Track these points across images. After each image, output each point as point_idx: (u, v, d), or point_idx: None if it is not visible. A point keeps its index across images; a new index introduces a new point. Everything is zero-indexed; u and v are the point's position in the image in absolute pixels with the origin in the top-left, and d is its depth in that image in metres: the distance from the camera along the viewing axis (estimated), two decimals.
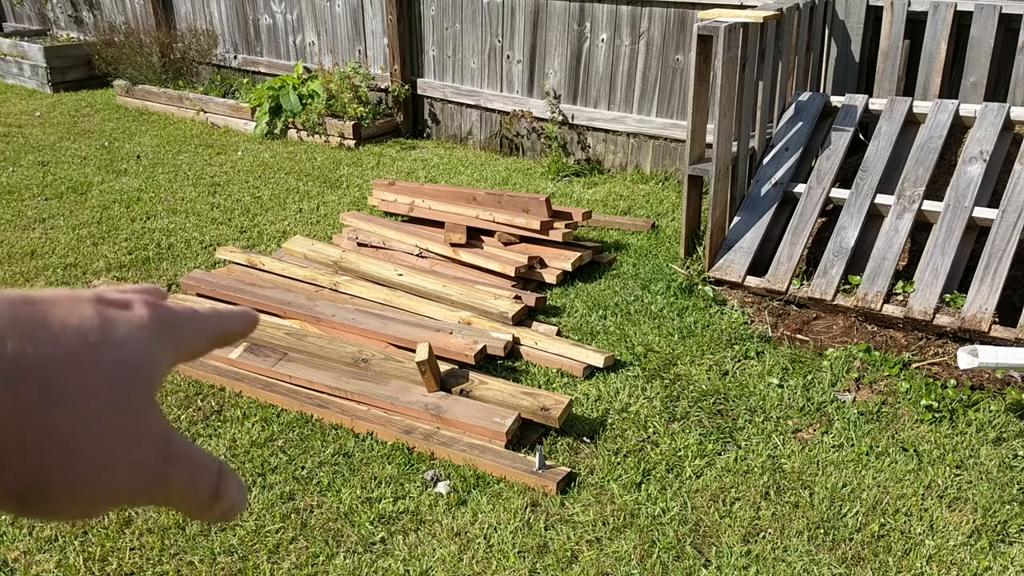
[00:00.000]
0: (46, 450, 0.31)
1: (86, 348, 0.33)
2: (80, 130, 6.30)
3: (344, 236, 4.12)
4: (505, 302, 3.34)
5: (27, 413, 0.30)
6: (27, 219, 4.52)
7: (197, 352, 0.39)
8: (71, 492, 0.32)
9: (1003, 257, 3.16)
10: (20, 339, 0.31)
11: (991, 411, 2.77)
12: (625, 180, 5.13)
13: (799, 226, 3.57)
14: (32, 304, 0.32)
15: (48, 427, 0.31)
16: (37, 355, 0.31)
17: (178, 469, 0.35)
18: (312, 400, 2.81)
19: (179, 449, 0.35)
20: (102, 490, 0.33)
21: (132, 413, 0.33)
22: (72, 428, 0.31)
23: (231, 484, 0.38)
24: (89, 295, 0.35)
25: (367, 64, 6.19)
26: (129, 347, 0.34)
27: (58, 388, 0.31)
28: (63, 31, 8.42)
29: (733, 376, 3.03)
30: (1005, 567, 2.19)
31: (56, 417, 0.31)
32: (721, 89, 3.41)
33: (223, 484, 0.37)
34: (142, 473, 0.34)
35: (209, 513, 0.38)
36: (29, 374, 0.30)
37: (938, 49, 3.96)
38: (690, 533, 2.30)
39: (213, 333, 0.40)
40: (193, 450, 0.36)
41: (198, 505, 0.37)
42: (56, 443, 0.31)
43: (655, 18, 4.90)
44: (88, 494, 0.32)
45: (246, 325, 0.42)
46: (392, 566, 2.18)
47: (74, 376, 0.32)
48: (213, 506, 0.37)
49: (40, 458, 0.31)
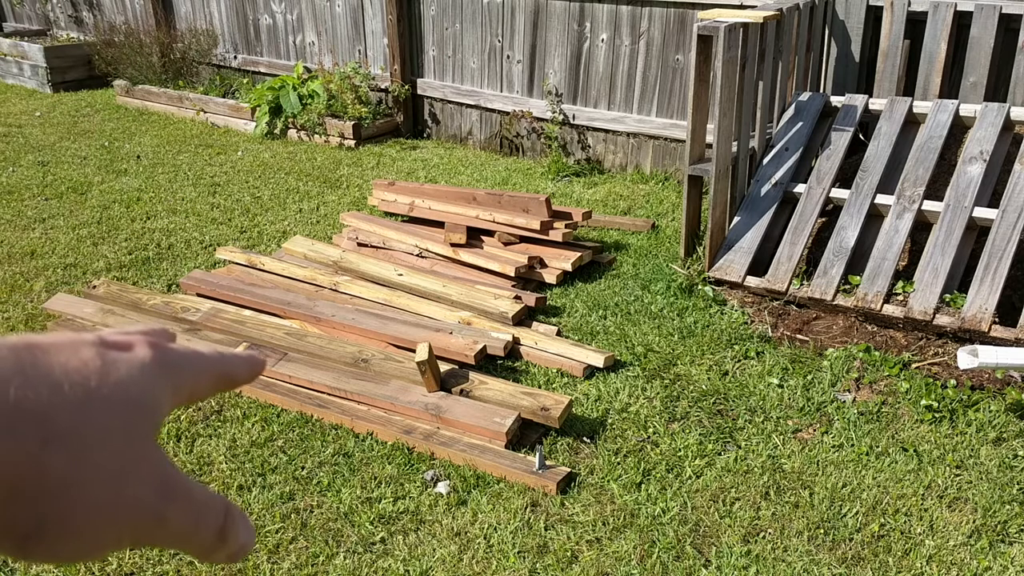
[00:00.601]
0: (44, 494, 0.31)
1: (87, 393, 0.33)
2: (80, 130, 6.30)
3: (344, 236, 4.12)
4: (505, 302, 3.34)
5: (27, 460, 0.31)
6: (27, 219, 4.52)
7: (199, 394, 0.39)
8: (69, 535, 0.32)
9: (1003, 257, 3.16)
10: (22, 386, 0.31)
11: (991, 411, 2.77)
12: (625, 180, 5.13)
13: (799, 226, 3.57)
14: (33, 350, 0.33)
15: (47, 472, 0.31)
16: (38, 401, 0.31)
17: (177, 509, 0.35)
18: (312, 400, 2.81)
19: (179, 488, 0.35)
20: (101, 532, 0.33)
21: (130, 453, 0.34)
22: (70, 471, 0.32)
23: (238, 525, 0.37)
24: (91, 338, 0.35)
25: (367, 64, 6.19)
26: (129, 388, 0.34)
27: (58, 434, 0.31)
28: (63, 31, 8.42)
29: (733, 376, 3.03)
30: (1005, 567, 2.19)
31: (55, 462, 0.31)
32: (721, 89, 3.41)
33: (229, 525, 0.37)
34: (140, 513, 0.34)
35: (215, 555, 0.37)
36: (30, 421, 0.31)
37: (938, 49, 3.96)
38: (690, 533, 2.30)
39: (216, 375, 0.40)
40: (196, 490, 0.36)
41: (202, 547, 0.36)
42: (54, 487, 0.31)
43: (655, 18, 4.90)
44: (87, 536, 0.32)
45: (252, 370, 0.42)
46: (392, 566, 2.18)
47: (74, 422, 0.32)
48: (219, 548, 0.37)
49: (38, 502, 0.31)
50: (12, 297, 3.62)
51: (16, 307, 3.51)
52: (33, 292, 3.67)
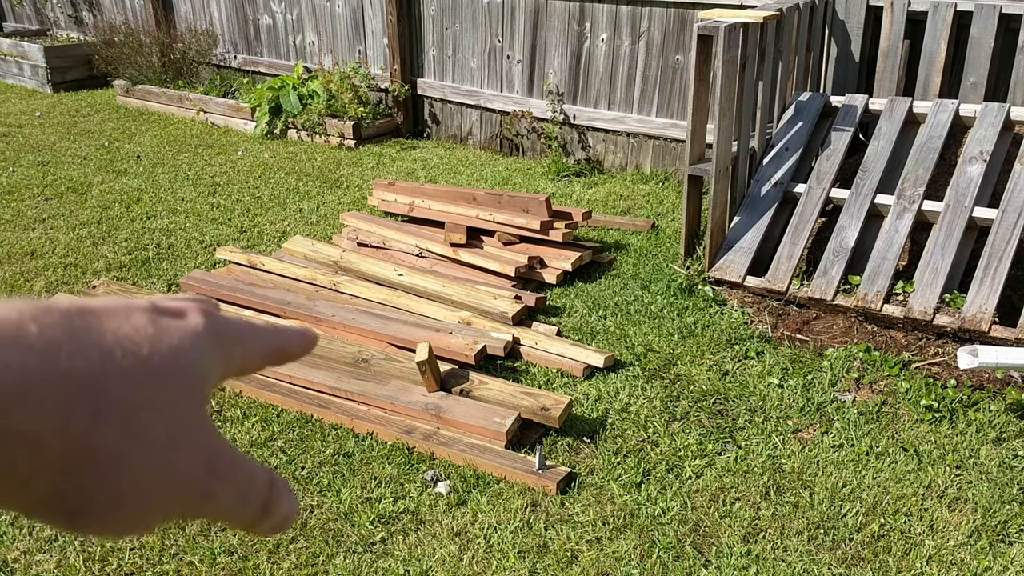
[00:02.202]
0: (94, 468, 0.30)
1: (139, 361, 0.32)
2: (80, 130, 6.30)
3: (344, 236, 4.12)
4: (505, 302, 3.34)
5: (78, 433, 0.30)
6: (27, 219, 4.52)
7: (250, 367, 0.38)
8: (118, 510, 0.31)
9: (1003, 257, 3.16)
10: (74, 353, 0.30)
11: (991, 411, 2.77)
12: (625, 180, 5.13)
13: (799, 226, 3.57)
14: (86, 315, 0.32)
15: (97, 446, 0.30)
16: (90, 370, 0.30)
17: (225, 484, 0.34)
18: (312, 400, 2.81)
19: (228, 463, 0.35)
20: (149, 507, 0.32)
21: (181, 428, 0.33)
22: (121, 446, 0.31)
23: (282, 498, 0.37)
24: (143, 304, 0.34)
25: (367, 64, 6.19)
26: (181, 357, 0.33)
27: (109, 406, 0.31)
28: (63, 31, 8.42)
29: (733, 376, 3.03)
30: (1005, 567, 2.19)
31: (105, 436, 0.30)
32: (721, 89, 3.41)
33: (273, 498, 0.36)
34: (189, 489, 0.33)
35: (258, 527, 0.37)
36: (82, 391, 0.30)
37: (938, 49, 3.96)
38: (690, 533, 2.30)
39: (268, 349, 0.39)
40: (243, 463, 0.35)
41: (246, 519, 0.36)
42: (105, 461, 0.30)
43: (655, 18, 4.90)
44: (136, 511, 0.32)
45: (304, 344, 0.40)
46: (392, 566, 2.18)
47: (125, 392, 0.31)
48: (262, 520, 0.36)
49: (88, 476, 0.30)
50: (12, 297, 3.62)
51: None
52: (33, 292, 3.67)
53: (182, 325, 0.34)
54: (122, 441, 0.31)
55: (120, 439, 0.31)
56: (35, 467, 0.29)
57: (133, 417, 0.31)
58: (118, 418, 0.31)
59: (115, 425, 0.31)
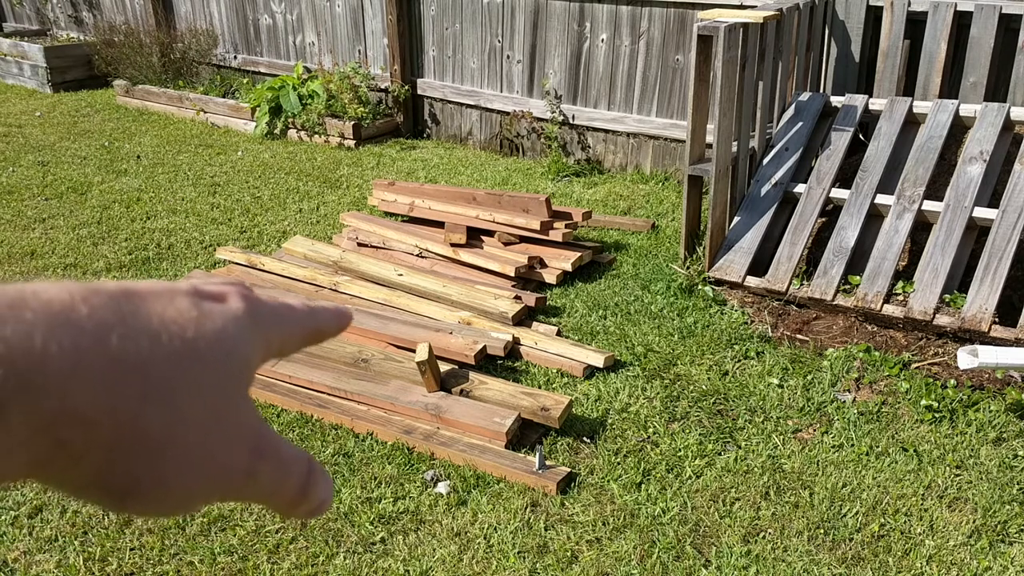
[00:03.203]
0: (142, 451, 0.31)
1: (184, 344, 0.32)
2: (80, 130, 6.30)
3: (344, 236, 4.12)
4: (505, 302, 3.34)
5: (127, 415, 0.30)
6: (27, 219, 4.52)
7: (289, 348, 0.38)
8: (164, 490, 0.32)
9: (1003, 257, 3.16)
10: (123, 336, 0.31)
11: (991, 411, 2.77)
12: (625, 180, 5.13)
13: (799, 226, 3.57)
14: (132, 298, 0.32)
15: (145, 428, 0.31)
16: (139, 353, 0.31)
17: (267, 465, 0.35)
18: (312, 400, 2.81)
19: (269, 446, 0.35)
20: (195, 488, 0.33)
21: (226, 411, 0.33)
22: (168, 428, 0.31)
23: (319, 481, 0.37)
24: (186, 287, 0.35)
25: (367, 64, 6.19)
26: (225, 341, 0.34)
27: (157, 389, 0.31)
28: (63, 31, 8.42)
29: (733, 376, 3.03)
30: (1005, 567, 2.19)
31: (153, 418, 0.31)
32: (721, 89, 3.41)
33: (311, 481, 0.37)
34: (233, 469, 0.34)
35: (296, 510, 0.37)
36: (132, 373, 0.30)
37: (938, 49, 3.96)
38: (690, 533, 2.30)
39: (307, 330, 0.39)
40: (283, 446, 0.36)
41: (285, 502, 0.36)
42: (153, 443, 0.31)
43: (655, 18, 4.90)
44: (181, 492, 0.32)
45: (340, 323, 0.41)
46: (392, 566, 2.18)
47: (172, 375, 0.32)
48: (300, 503, 0.37)
49: (136, 459, 0.31)
50: None
51: None
52: None
53: (224, 309, 0.35)
54: (169, 423, 0.31)
55: (167, 421, 0.31)
56: (87, 446, 0.30)
57: (179, 399, 0.32)
58: (165, 401, 0.31)
59: (162, 408, 0.31)
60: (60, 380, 0.29)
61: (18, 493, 2.44)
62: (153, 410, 0.31)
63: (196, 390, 0.32)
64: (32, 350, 0.28)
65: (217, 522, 2.33)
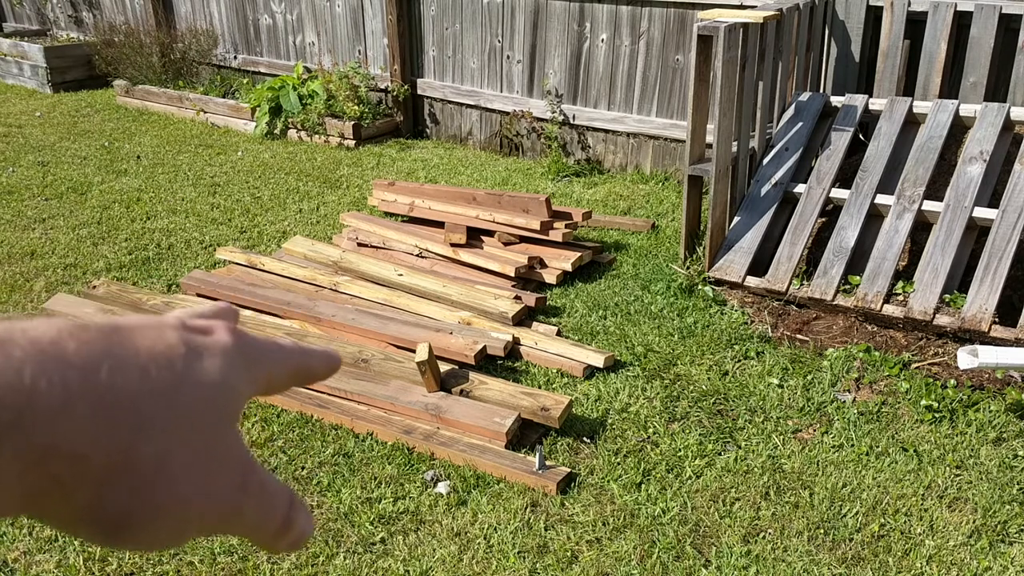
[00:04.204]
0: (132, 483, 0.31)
1: (174, 377, 0.33)
2: (80, 130, 6.30)
3: (344, 236, 4.12)
4: (505, 302, 3.34)
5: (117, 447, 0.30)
6: (27, 219, 4.52)
7: (277, 385, 0.39)
8: (155, 523, 0.32)
9: (1003, 257, 3.16)
10: (114, 369, 0.31)
11: (991, 411, 2.77)
12: (625, 180, 5.13)
13: (799, 226, 3.57)
14: (121, 332, 0.32)
15: (135, 461, 0.31)
16: (128, 387, 0.31)
17: (253, 500, 0.35)
18: (312, 400, 2.81)
19: (256, 479, 0.35)
20: (185, 522, 0.33)
21: (215, 443, 0.34)
22: (158, 461, 0.31)
23: (300, 514, 0.38)
24: (172, 321, 0.35)
25: (367, 64, 6.19)
26: (213, 374, 0.34)
27: (147, 422, 0.31)
28: (63, 31, 8.42)
29: (733, 376, 3.03)
30: (1005, 567, 2.19)
31: (143, 451, 0.31)
32: (721, 89, 3.41)
33: (293, 514, 0.37)
34: (222, 504, 0.34)
35: (276, 543, 0.37)
36: (122, 407, 0.31)
37: (938, 49, 3.96)
38: (690, 533, 2.30)
39: (294, 368, 0.39)
40: (268, 480, 0.36)
41: (267, 535, 0.37)
42: (142, 476, 0.31)
43: (655, 18, 4.90)
44: (172, 524, 0.33)
45: (330, 366, 0.41)
46: (392, 566, 2.18)
47: (162, 408, 0.32)
48: (282, 536, 0.37)
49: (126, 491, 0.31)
50: (12, 297, 3.62)
51: (16, 307, 3.51)
52: (33, 292, 3.67)
53: (212, 343, 0.35)
54: (159, 456, 0.32)
55: (157, 453, 0.31)
56: (78, 481, 0.30)
57: (169, 432, 0.32)
58: (155, 433, 0.31)
59: (153, 440, 0.31)
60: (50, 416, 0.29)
61: None
62: (143, 443, 0.31)
63: (186, 423, 0.33)
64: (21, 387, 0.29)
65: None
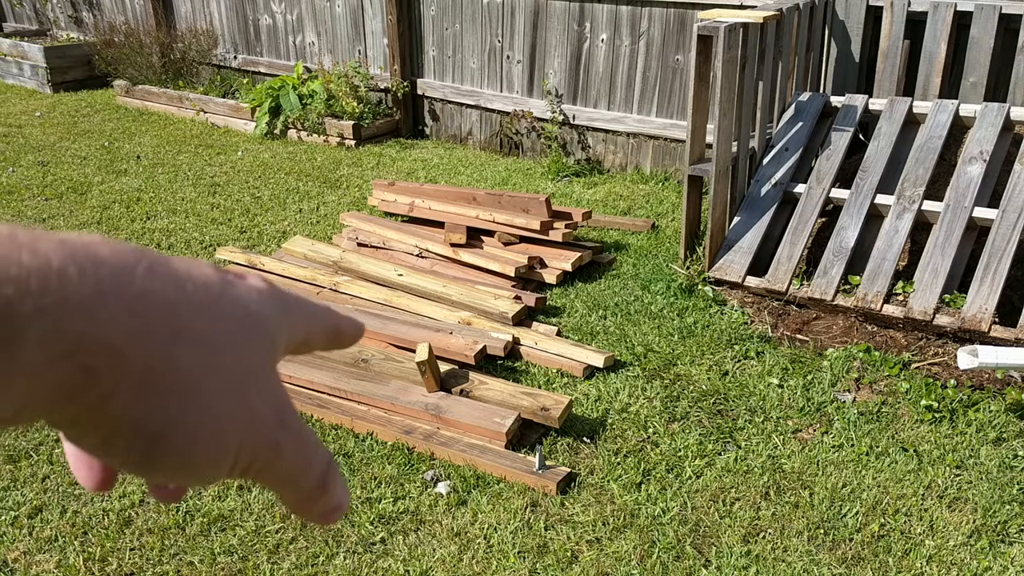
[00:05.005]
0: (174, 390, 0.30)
1: (211, 299, 0.32)
2: (80, 130, 6.30)
3: (344, 236, 4.12)
4: (505, 302, 3.34)
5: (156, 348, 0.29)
6: (27, 219, 4.52)
7: (310, 340, 0.38)
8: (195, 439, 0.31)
9: (1003, 257, 3.16)
10: (148, 275, 0.30)
11: (991, 411, 2.77)
12: (625, 180, 5.13)
13: (799, 226, 3.57)
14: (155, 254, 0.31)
15: (177, 366, 0.30)
16: (165, 293, 0.30)
17: (292, 440, 0.34)
18: (312, 400, 2.81)
19: (295, 420, 0.34)
20: (223, 443, 0.32)
21: (254, 371, 0.33)
22: (199, 371, 0.30)
23: (338, 481, 0.37)
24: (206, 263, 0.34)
25: (367, 64, 6.19)
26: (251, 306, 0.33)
27: (186, 329, 0.30)
28: (63, 31, 8.42)
29: (733, 376, 3.03)
30: (1005, 567, 2.19)
31: (185, 357, 0.30)
32: (721, 89, 3.41)
33: (332, 476, 0.36)
34: (260, 432, 0.33)
35: (314, 505, 0.36)
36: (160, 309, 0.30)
37: (938, 49, 3.96)
38: (690, 533, 2.30)
39: (329, 326, 0.39)
40: (307, 430, 0.35)
41: (302, 492, 0.35)
42: (184, 384, 0.30)
43: (655, 18, 4.90)
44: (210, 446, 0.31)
45: (356, 331, 0.40)
46: (392, 566, 2.18)
47: (201, 321, 0.31)
48: (319, 498, 0.36)
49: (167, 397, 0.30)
50: None
51: None
52: None
53: (248, 284, 0.34)
54: (199, 368, 0.30)
55: (199, 364, 0.30)
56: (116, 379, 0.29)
57: (209, 347, 0.31)
58: (195, 344, 0.30)
59: (193, 350, 0.30)
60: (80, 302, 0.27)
61: (18, 493, 2.44)
62: (185, 349, 0.30)
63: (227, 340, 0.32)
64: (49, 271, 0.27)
65: (217, 522, 2.33)
